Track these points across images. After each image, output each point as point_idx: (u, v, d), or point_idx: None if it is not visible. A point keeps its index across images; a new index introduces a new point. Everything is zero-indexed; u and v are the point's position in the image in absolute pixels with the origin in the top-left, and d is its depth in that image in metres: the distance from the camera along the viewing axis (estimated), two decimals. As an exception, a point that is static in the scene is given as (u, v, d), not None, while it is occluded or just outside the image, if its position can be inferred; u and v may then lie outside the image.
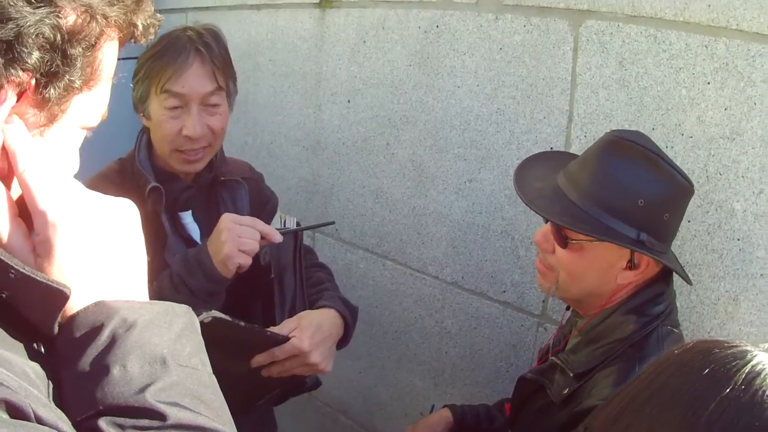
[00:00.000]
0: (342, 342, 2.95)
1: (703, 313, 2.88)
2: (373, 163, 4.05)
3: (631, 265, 2.40)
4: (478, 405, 3.20)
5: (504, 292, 3.58)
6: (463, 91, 3.56)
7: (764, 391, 1.30)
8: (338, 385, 4.44)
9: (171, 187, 2.95)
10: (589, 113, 3.12)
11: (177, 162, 2.95)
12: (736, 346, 1.40)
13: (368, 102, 4.02)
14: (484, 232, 3.59)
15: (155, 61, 2.85)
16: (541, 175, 2.60)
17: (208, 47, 2.91)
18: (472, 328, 3.75)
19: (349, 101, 4.12)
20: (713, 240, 2.82)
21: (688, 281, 2.52)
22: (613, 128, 2.63)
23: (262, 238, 2.71)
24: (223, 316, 2.46)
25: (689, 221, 2.85)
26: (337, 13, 4.16)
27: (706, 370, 1.36)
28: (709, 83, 2.77)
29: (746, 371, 1.33)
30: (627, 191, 2.34)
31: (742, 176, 2.72)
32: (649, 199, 2.33)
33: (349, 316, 2.96)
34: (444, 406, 3.16)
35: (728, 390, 1.31)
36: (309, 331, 2.72)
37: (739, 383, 1.31)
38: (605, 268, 2.42)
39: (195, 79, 2.86)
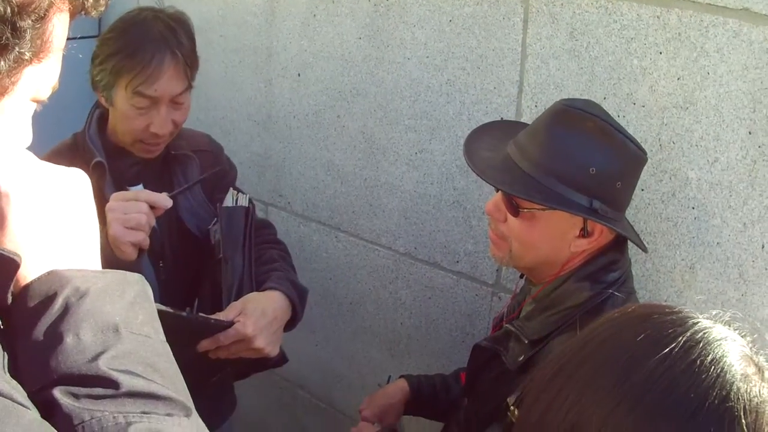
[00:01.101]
0: (290, 324, 2.95)
1: (659, 281, 2.92)
2: (324, 136, 4.05)
3: (584, 233, 2.41)
4: (435, 375, 3.22)
5: (457, 262, 3.60)
6: (413, 63, 3.57)
7: (702, 361, 1.30)
8: (295, 359, 4.43)
9: (119, 162, 2.98)
10: (539, 83, 3.13)
11: (138, 150, 2.99)
12: (677, 312, 1.40)
13: (318, 75, 4.02)
14: (436, 203, 3.61)
15: (126, 59, 2.84)
16: (491, 145, 2.61)
17: (182, 47, 2.93)
18: (427, 298, 3.78)
19: (299, 75, 4.12)
20: (668, 208, 2.85)
21: (643, 248, 2.55)
22: (564, 98, 2.66)
23: (154, 208, 2.68)
24: (164, 308, 2.44)
25: (643, 190, 2.87)
26: (286, -13, 4.16)
27: (642, 336, 1.35)
28: (661, 53, 2.79)
29: (685, 339, 1.33)
30: (578, 160, 2.35)
31: (696, 145, 2.75)
32: (601, 167, 2.35)
33: (297, 297, 2.95)
34: (400, 377, 3.18)
35: (663, 357, 1.31)
36: (253, 317, 2.72)
37: (676, 350, 1.31)
38: (558, 237, 2.44)
39: (168, 83, 2.88)
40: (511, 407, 1.86)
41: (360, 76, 3.81)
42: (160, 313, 2.23)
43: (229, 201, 3.07)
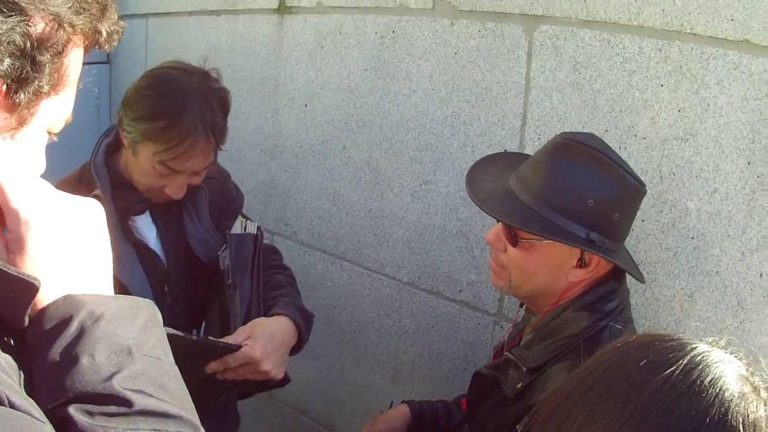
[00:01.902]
0: (296, 348, 2.99)
1: (658, 310, 2.94)
2: (330, 166, 4.09)
3: (582, 264, 2.44)
4: (437, 401, 3.23)
5: (460, 291, 3.63)
6: (419, 95, 3.61)
7: (701, 381, 1.34)
8: (299, 385, 4.46)
9: (126, 195, 2.99)
10: (542, 116, 3.17)
11: (150, 196, 3.00)
12: (677, 339, 1.45)
13: (325, 106, 4.06)
14: (440, 233, 3.65)
15: (161, 131, 2.82)
16: (492, 176, 2.64)
17: (217, 129, 2.93)
18: (430, 327, 3.80)
19: (306, 105, 4.16)
20: (668, 238, 2.88)
21: (640, 279, 2.57)
22: (567, 130, 2.69)
23: None
24: (174, 331, 2.50)
25: (643, 220, 2.91)
26: (295, 19, 4.20)
27: (644, 361, 1.40)
28: (662, 85, 2.83)
29: (684, 362, 1.37)
30: (576, 191, 2.38)
31: (696, 176, 2.78)
32: (599, 199, 2.37)
33: (303, 323, 2.99)
34: (402, 402, 3.20)
35: (665, 379, 1.35)
36: (261, 341, 2.77)
37: (677, 373, 1.35)
38: (556, 267, 2.46)
39: (195, 161, 2.90)
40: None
41: (366, 107, 3.85)
42: (172, 336, 2.27)
43: (238, 228, 3.10)
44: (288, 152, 4.31)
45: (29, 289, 1.24)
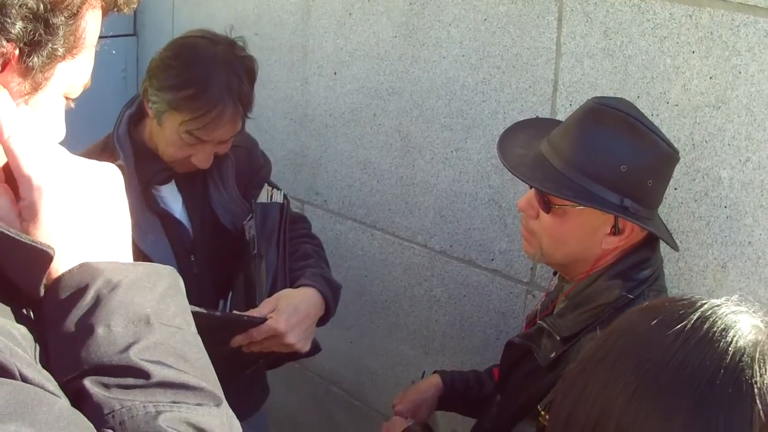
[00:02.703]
0: (323, 320, 2.99)
1: (691, 280, 2.91)
2: (360, 134, 4.07)
3: (615, 231, 2.42)
4: (468, 371, 3.23)
5: (492, 260, 3.61)
6: (449, 62, 3.58)
7: (713, 332, 1.34)
8: (329, 356, 4.46)
9: (148, 164, 2.98)
10: (574, 82, 3.14)
11: (174, 166, 2.98)
12: (687, 298, 1.45)
13: (354, 74, 4.04)
14: (471, 201, 3.62)
15: (188, 101, 2.80)
16: (524, 143, 2.62)
17: (244, 96, 2.91)
18: (462, 296, 3.79)
19: (335, 73, 4.14)
20: (700, 207, 2.85)
21: (674, 247, 2.55)
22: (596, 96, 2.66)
23: None
24: (197, 308, 2.48)
25: (676, 189, 2.87)
26: (322, -14, 4.18)
27: (654, 321, 1.40)
28: (693, 52, 2.79)
29: (695, 317, 1.37)
30: (609, 157, 2.36)
31: (728, 144, 2.75)
32: (632, 165, 2.35)
33: (330, 294, 2.99)
34: (434, 372, 3.19)
35: (676, 334, 1.35)
36: (286, 313, 2.77)
37: (688, 328, 1.35)
38: (589, 234, 2.44)
39: (222, 130, 2.88)
40: (542, 412, 1.88)
41: (396, 74, 3.82)
42: (193, 312, 2.26)
43: (264, 197, 3.09)
44: (317, 121, 4.29)
45: (43, 257, 1.21)
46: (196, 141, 2.86)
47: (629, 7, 2.93)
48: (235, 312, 2.82)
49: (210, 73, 2.83)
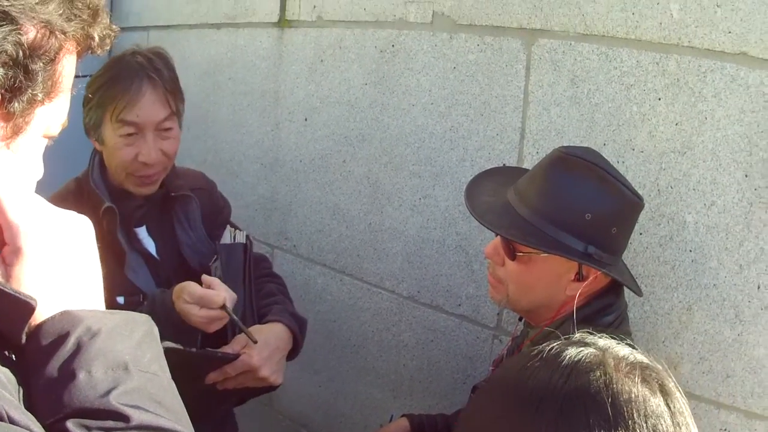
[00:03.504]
0: (291, 354, 3.03)
1: (656, 322, 2.94)
2: (330, 180, 4.10)
3: (580, 277, 2.44)
4: (436, 414, 3.23)
5: (459, 305, 3.63)
6: (418, 110, 3.62)
7: (550, 355, 1.43)
8: (299, 399, 4.47)
9: (124, 205, 3.00)
10: (541, 130, 3.18)
11: (132, 185, 3.00)
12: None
13: (325, 120, 4.07)
14: (439, 247, 3.65)
15: (107, 90, 2.88)
16: (491, 190, 2.65)
17: (159, 73, 2.95)
18: (429, 341, 3.80)
19: (306, 119, 4.17)
20: (665, 252, 2.89)
21: (638, 292, 2.57)
22: (565, 144, 2.70)
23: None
24: (174, 345, 2.52)
25: (641, 233, 2.91)
26: (295, 33, 4.21)
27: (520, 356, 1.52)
28: (660, 99, 2.84)
29: (552, 347, 1.45)
30: (574, 205, 2.39)
31: (693, 189, 2.79)
32: (596, 213, 2.38)
33: (297, 328, 3.03)
34: (402, 415, 3.20)
35: (532, 360, 1.44)
36: (258, 348, 2.81)
37: (543, 356, 1.44)
38: (554, 280, 2.46)
39: (149, 107, 2.91)
40: None
41: (366, 121, 3.86)
42: (171, 349, 2.28)
43: (227, 238, 3.14)
44: (288, 166, 4.32)
45: (26, 308, 1.24)
46: (131, 129, 2.90)
47: (597, 56, 2.98)
48: (209, 349, 2.84)
49: (123, 64, 2.93)
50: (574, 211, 2.38)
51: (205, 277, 2.82)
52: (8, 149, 1.33)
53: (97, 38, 1.43)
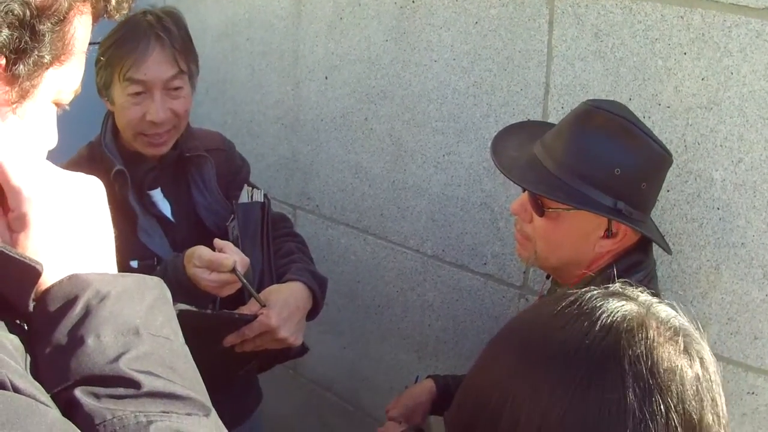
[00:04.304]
0: (312, 313, 3.02)
1: (684, 282, 2.91)
2: (352, 138, 4.07)
3: (609, 234, 2.42)
4: (462, 375, 3.22)
5: (485, 264, 3.61)
6: (440, 66, 3.58)
7: (584, 309, 1.35)
8: (322, 361, 4.46)
9: (137, 168, 3.01)
10: (565, 85, 3.14)
11: (142, 145, 3.00)
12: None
13: (346, 78, 4.03)
14: (464, 205, 3.62)
15: (116, 49, 2.89)
16: (517, 145, 2.62)
17: (168, 32, 2.95)
18: (454, 300, 3.78)
19: (326, 78, 4.13)
20: (693, 209, 2.85)
21: (668, 250, 2.55)
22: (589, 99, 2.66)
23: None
24: (188, 307, 2.51)
25: (668, 191, 2.87)
26: (313, -9, 4.18)
27: (539, 307, 1.47)
28: (685, 53, 2.79)
29: (569, 300, 1.39)
30: (602, 160, 2.36)
31: (721, 145, 2.74)
32: (626, 168, 2.35)
33: (317, 287, 3.02)
34: (427, 377, 3.19)
35: (551, 314, 1.38)
36: (276, 308, 2.79)
37: (560, 308, 1.37)
38: (582, 237, 2.44)
39: (156, 66, 2.90)
40: None
41: (387, 78, 3.82)
42: (185, 311, 2.24)
43: (244, 197, 3.14)
44: (309, 125, 4.29)
45: (32, 272, 1.21)
46: (139, 88, 2.91)
47: (620, 9, 2.93)
48: (225, 310, 2.83)
49: (133, 24, 2.93)
50: (603, 165, 2.35)
51: (216, 241, 2.81)
52: (14, 114, 1.29)
53: (113, 1, 1.38)
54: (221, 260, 2.69)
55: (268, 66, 4.44)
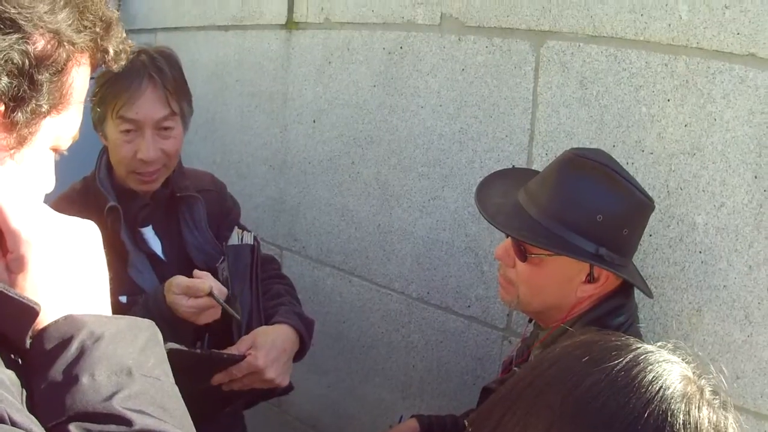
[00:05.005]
0: (298, 355, 3.04)
1: (666, 324, 2.93)
2: (339, 181, 4.10)
3: (591, 279, 2.45)
4: (446, 415, 3.23)
5: (469, 306, 3.63)
6: (427, 111, 3.62)
7: (642, 378, 1.34)
8: (308, 400, 4.46)
9: (130, 204, 3.04)
10: (550, 132, 3.18)
11: (133, 182, 3.03)
12: (621, 339, 1.45)
13: (333, 122, 4.07)
14: (449, 249, 3.65)
15: (110, 87, 2.92)
16: (501, 192, 2.65)
17: (161, 72, 2.98)
18: (439, 342, 3.80)
19: (314, 121, 4.17)
20: (675, 253, 2.88)
21: (649, 294, 2.57)
22: (574, 146, 2.70)
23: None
24: (178, 346, 2.54)
25: (651, 235, 2.90)
26: (303, 35, 4.22)
27: (586, 358, 1.39)
28: (669, 100, 2.83)
29: (627, 359, 1.37)
30: (585, 207, 2.40)
31: (703, 190, 2.78)
32: (608, 214, 2.39)
33: (304, 330, 3.04)
34: (411, 416, 3.20)
35: (605, 373, 1.35)
36: (264, 350, 2.83)
37: (617, 369, 1.35)
38: (564, 282, 2.47)
39: (148, 106, 2.94)
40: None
41: (374, 123, 3.86)
42: (177, 351, 2.28)
43: (234, 239, 3.15)
44: (296, 168, 4.32)
45: (30, 312, 1.25)
46: (130, 126, 2.94)
47: (605, 57, 2.98)
48: (214, 350, 2.85)
49: (128, 64, 2.91)
50: (586, 212, 2.39)
51: (195, 272, 2.84)
52: (12, 160, 1.33)
53: (111, 52, 1.43)
54: (198, 285, 2.72)
55: (257, 108, 4.48)
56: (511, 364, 2.77)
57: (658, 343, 1.48)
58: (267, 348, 2.83)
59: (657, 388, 1.32)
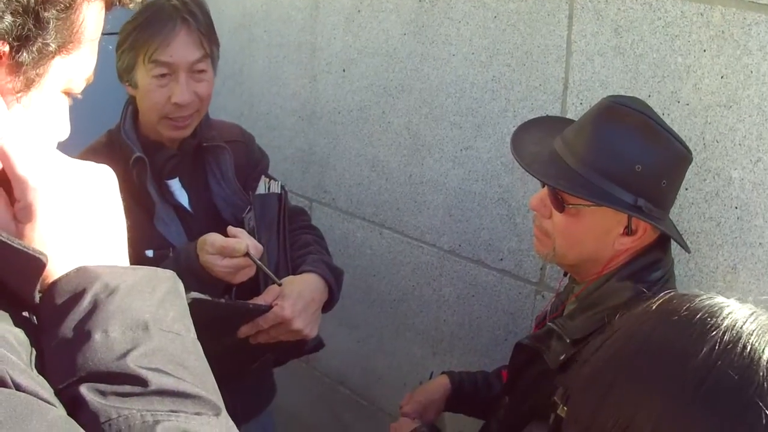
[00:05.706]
0: (327, 306, 3.00)
1: (701, 281, 2.88)
2: (369, 132, 4.05)
3: (629, 231, 2.39)
4: (477, 372, 3.20)
5: (501, 260, 3.59)
6: (458, 60, 3.56)
7: (749, 350, 1.32)
8: (336, 355, 4.44)
9: (156, 156, 3.02)
10: (584, 81, 3.11)
11: (165, 129, 3.00)
12: (706, 301, 1.43)
13: (363, 71, 4.02)
14: (481, 200, 3.60)
15: (141, 32, 2.88)
16: (537, 140, 2.60)
17: (194, 15, 2.95)
18: (470, 296, 3.76)
19: (344, 71, 4.12)
20: (711, 208, 2.82)
21: (686, 249, 2.52)
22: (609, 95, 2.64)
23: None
24: (202, 296, 2.48)
25: (687, 189, 2.84)
26: (331, -17, 4.16)
27: (689, 332, 1.36)
28: (705, 51, 2.76)
29: (724, 325, 1.36)
30: (624, 157, 2.34)
31: (739, 144, 2.71)
32: (647, 165, 2.33)
33: (333, 279, 3.00)
34: (442, 373, 3.17)
35: (713, 347, 1.32)
36: (291, 299, 2.77)
37: (725, 341, 1.33)
38: (602, 234, 2.42)
39: (182, 48, 2.91)
40: (560, 404, 1.84)
41: (405, 72, 3.80)
42: (201, 301, 2.22)
43: (261, 188, 3.11)
44: (326, 119, 4.27)
45: (36, 264, 1.19)
46: (164, 70, 2.91)
47: (640, 5, 2.90)
48: (240, 300, 2.81)
49: (157, 8, 2.93)
50: (625, 162, 2.33)
51: (230, 228, 2.80)
52: (19, 104, 1.26)
53: None
54: (234, 245, 2.68)
55: (285, 58, 4.42)
56: (544, 319, 2.74)
57: (733, 299, 1.48)
58: (294, 297, 2.78)
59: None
